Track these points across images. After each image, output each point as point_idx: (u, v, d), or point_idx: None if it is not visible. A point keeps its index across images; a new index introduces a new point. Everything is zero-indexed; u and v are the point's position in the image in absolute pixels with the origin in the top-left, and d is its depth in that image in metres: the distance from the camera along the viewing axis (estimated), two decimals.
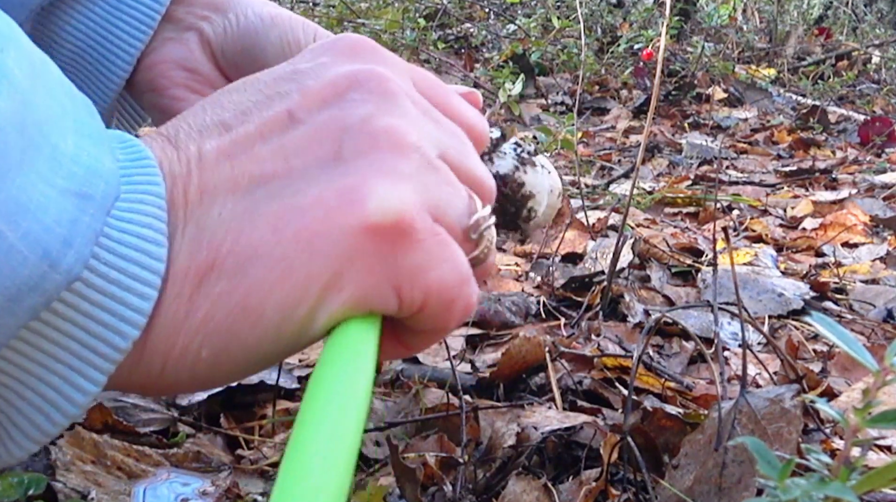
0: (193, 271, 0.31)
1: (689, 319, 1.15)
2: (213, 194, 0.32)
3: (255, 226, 0.31)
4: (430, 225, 0.33)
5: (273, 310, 0.31)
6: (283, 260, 0.31)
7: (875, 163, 2.85)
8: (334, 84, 0.34)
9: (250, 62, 0.52)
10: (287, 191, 0.32)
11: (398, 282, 0.32)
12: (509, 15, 4.54)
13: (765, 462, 0.41)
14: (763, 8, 5.57)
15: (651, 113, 1.18)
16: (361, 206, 0.31)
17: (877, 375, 0.40)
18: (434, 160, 0.34)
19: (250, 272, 0.31)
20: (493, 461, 0.76)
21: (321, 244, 0.31)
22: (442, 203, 0.34)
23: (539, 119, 3.26)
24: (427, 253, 0.33)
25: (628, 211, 1.26)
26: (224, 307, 0.31)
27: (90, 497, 0.68)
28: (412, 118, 0.34)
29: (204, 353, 0.31)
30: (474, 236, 0.36)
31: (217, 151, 0.33)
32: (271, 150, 0.33)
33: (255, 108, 0.34)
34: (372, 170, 0.32)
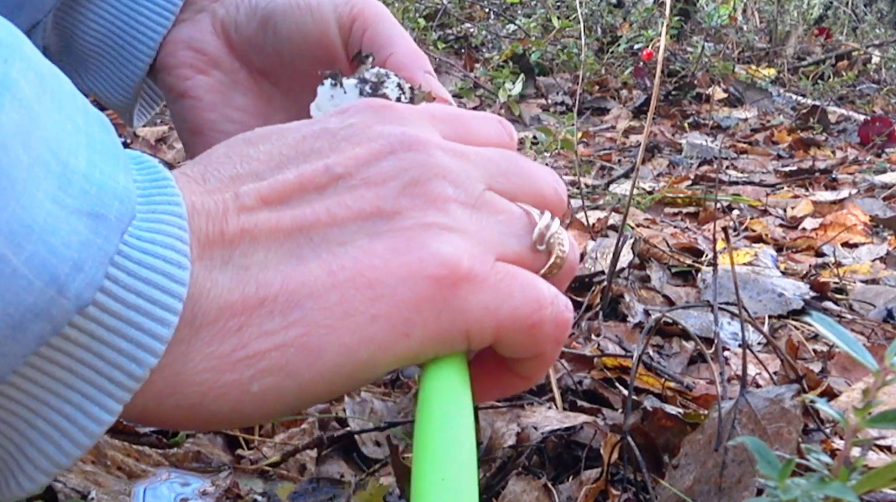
0: (241, 305, 0.30)
1: (689, 319, 1.15)
2: (254, 235, 0.31)
3: (306, 269, 0.31)
4: (490, 263, 0.33)
5: (334, 350, 0.30)
6: (341, 302, 0.30)
7: (875, 163, 2.85)
8: (371, 146, 0.34)
9: (267, 36, 0.52)
10: (332, 241, 0.32)
11: (467, 326, 0.32)
12: (509, 15, 4.54)
13: (765, 462, 0.41)
14: (763, 8, 5.57)
15: (651, 113, 1.18)
16: (419, 258, 0.31)
17: (877, 375, 0.40)
18: (478, 198, 0.35)
19: (308, 310, 0.30)
20: (493, 461, 0.76)
21: (382, 290, 0.31)
22: (497, 237, 0.34)
23: (539, 119, 3.26)
24: (492, 290, 0.33)
25: (628, 211, 1.26)
26: (280, 344, 0.30)
27: (90, 497, 0.68)
28: (447, 168, 0.34)
29: (255, 388, 0.30)
30: (542, 248, 0.36)
31: (255, 195, 0.32)
32: (311, 202, 0.32)
33: (290, 162, 0.33)
34: (419, 226, 0.32)
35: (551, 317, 0.35)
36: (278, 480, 0.76)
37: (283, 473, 0.77)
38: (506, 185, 0.36)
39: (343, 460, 0.81)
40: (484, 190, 0.35)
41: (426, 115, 0.38)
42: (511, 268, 0.34)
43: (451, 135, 0.38)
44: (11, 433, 0.28)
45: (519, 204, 0.37)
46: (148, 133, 2.25)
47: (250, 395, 0.30)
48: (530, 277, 0.35)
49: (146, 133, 2.25)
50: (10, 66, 0.26)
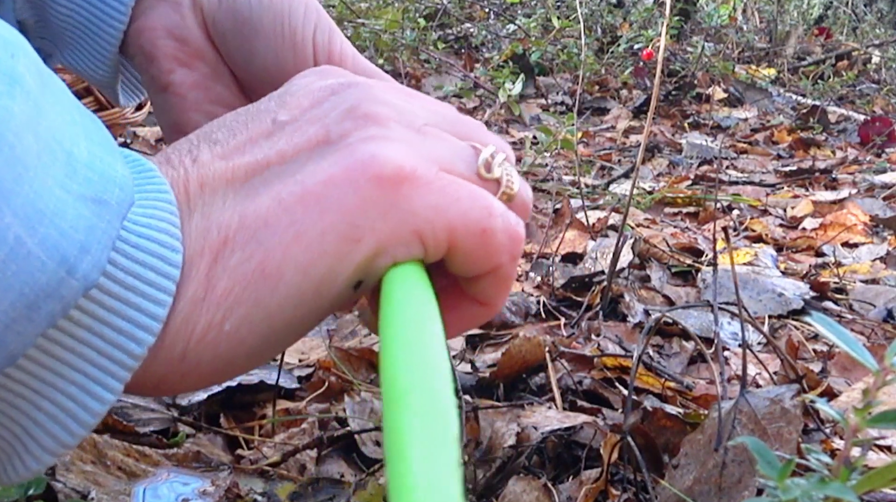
0: (207, 251, 0.31)
1: (689, 319, 1.15)
2: (213, 186, 0.33)
3: (259, 203, 0.32)
4: (435, 169, 0.33)
5: (292, 270, 0.31)
6: (292, 223, 0.31)
7: (875, 163, 2.85)
8: (314, 94, 0.36)
9: (240, 42, 0.50)
10: (284, 174, 0.33)
11: (416, 226, 0.33)
12: (509, 15, 4.54)
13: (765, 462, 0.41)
14: (763, 8, 5.57)
15: (651, 113, 1.18)
16: (362, 164, 0.32)
17: (877, 375, 0.40)
18: (421, 127, 0.35)
19: (263, 240, 0.31)
20: (493, 461, 0.76)
21: (328, 202, 0.32)
22: (442, 156, 0.35)
23: (539, 119, 3.26)
24: (439, 193, 0.33)
25: (628, 211, 1.26)
26: (242, 276, 0.31)
27: (90, 497, 0.68)
28: (391, 102, 0.35)
29: (227, 327, 0.31)
30: (489, 174, 0.36)
31: (211, 155, 0.34)
32: (261, 148, 0.34)
33: (241, 124, 0.35)
34: (362, 140, 0.33)
35: (503, 226, 0.34)
36: (278, 480, 0.76)
37: (283, 473, 0.77)
38: (450, 129, 0.37)
39: (343, 460, 0.81)
40: (425, 124, 0.36)
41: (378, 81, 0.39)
42: (458, 180, 0.34)
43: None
44: (18, 415, 0.29)
45: None
46: (148, 133, 2.25)
47: (225, 335, 0.31)
48: (478, 188, 0.35)
49: (146, 133, 2.25)
50: (16, 61, 0.28)
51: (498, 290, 0.37)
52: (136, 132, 2.22)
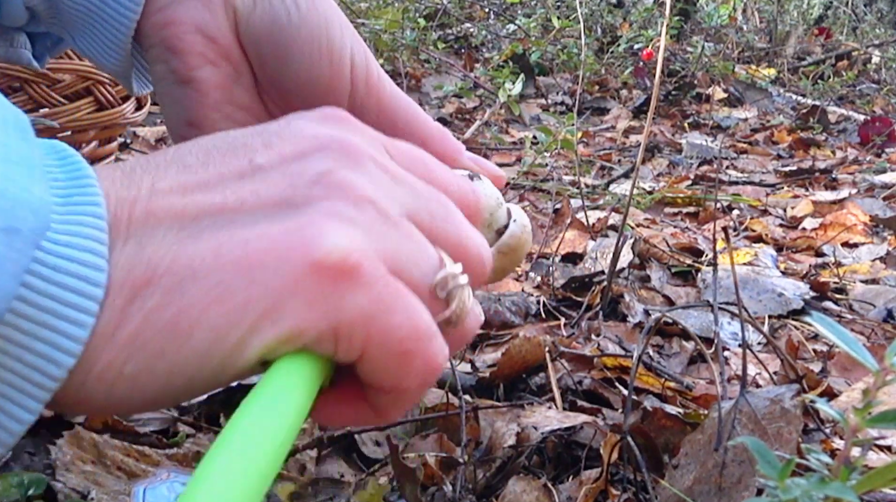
0: (129, 284, 0.30)
1: (689, 319, 1.15)
2: (159, 217, 0.31)
3: (197, 249, 0.31)
4: (381, 272, 0.32)
5: (204, 332, 0.30)
6: (220, 283, 0.30)
7: (875, 163, 2.85)
8: (298, 143, 0.34)
9: (274, 49, 0.49)
10: (235, 224, 0.31)
11: (337, 323, 0.31)
12: (509, 15, 4.54)
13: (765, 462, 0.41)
14: (763, 8, 5.57)
15: (651, 113, 1.18)
16: (307, 243, 0.31)
17: (877, 375, 0.40)
18: (394, 217, 0.33)
19: (186, 291, 0.30)
20: (493, 461, 0.76)
21: (262, 274, 0.30)
22: (401, 256, 0.33)
23: (539, 119, 3.26)
24: (374, 298, 0.31)
25: (628, 211, 1.26)
26: (154, 323, 0.30)
27: (90, 497, 0.68)
28: (374, 178, 0.34)
29: (126, 370, 0.30)
30: (442, 294, 0.34)
31: (171, 186, 0.32)
32: (227, 190, 0.32)
33: (219, 154, 0.34)
34: (323, 215, 0.31)
35: (424, 352, 0.33)
36: (278, 480, 0.76)
37: (283, 473, 0.77)
38: (428, 223, 0.35)
39: (343, 460, 0.81)
40: (402, 214, 0.34)
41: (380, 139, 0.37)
42: (402, 285, 0.32)
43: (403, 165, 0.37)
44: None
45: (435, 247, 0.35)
46: (148, 133, 2.25)
47: (123, 377, 0.30)
48: (416, 304, 0.33)
49: (146, 133, 2.25)
50: None
51: (395, 408, 0.36)
52: (136, 132, 2.22)
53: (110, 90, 1.32)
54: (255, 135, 0.35)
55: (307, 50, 0.49)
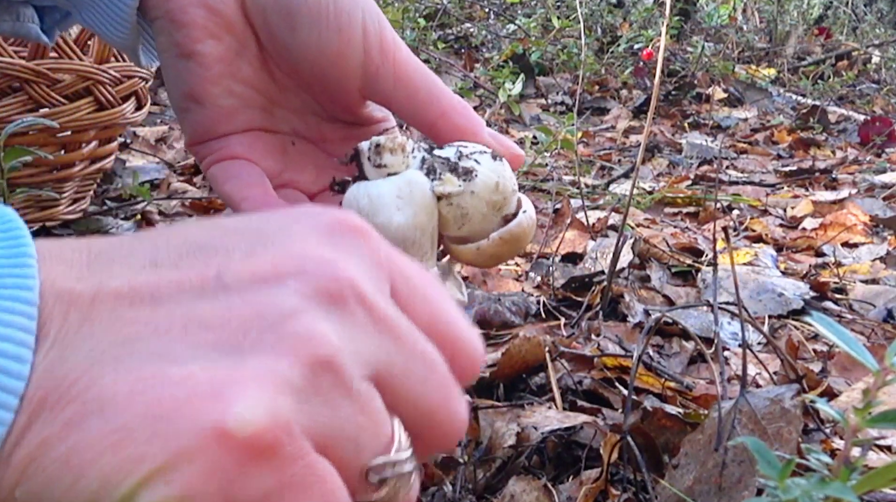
0: (36, 403, 0.28)
1: (689, 319, 1.15)
2: (94, 328, 0.29)
3: (115, 380, 0.28)
4: (301, 452, 0.29)
5: (94, 475, 0.28)
6: (122, 429, 0.28)
7: (875, 163, 2.85)
8: (278, 263, 0.31)
9: (281, 19, 0.48)
10: (167, 356, 0.29)
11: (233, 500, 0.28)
12: (509, 15, 4.54)
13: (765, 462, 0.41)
14: (763, 8, 5.58)
15: (651, 113, 1.18)
16: (224, 407, 0.28)
17: (877, 375, 0.40)
18: (353, 383, 0.30)
19: (87, 426, 0.28)
20: (493, 461, 0.76)
21: (166, 428, 0.28)
22: (337, 432, 0.30)
23: (539, 119, 3.26)
24: (283, 482, 0.28)
25: (628, 211, 1.26)
26: (48, 453, 0.28)
27: None
28: (347, 327, 0.30)
29: (17, 494, 0.28)
30: (374, 479, 0.31)
31: (124, 287, 0.30)
32: (179, 309, 0.30)
33: (192, 254, 0.31)
34: (259, 371, 0.28)
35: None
36: None
37: None
38: (399, 384, 0.32)
39: None
40: (364, 377, 0.30)
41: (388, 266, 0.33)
42: (323, 468, 0.29)
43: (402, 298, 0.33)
44: None
45: (394, 420, 0.32)
46: (148, 133, 2.25)
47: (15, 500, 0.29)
48: (335, 491, 0.29)
49: (146, 133, 2.25)
50: None
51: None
52: (136, 132, 2.22)
53: (110, 90, 1.32)
54: (245, 234, 0.32)
55: (315, 16, 0.47)
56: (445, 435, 0.33)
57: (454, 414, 0.33)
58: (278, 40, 0.50)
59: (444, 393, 0.33)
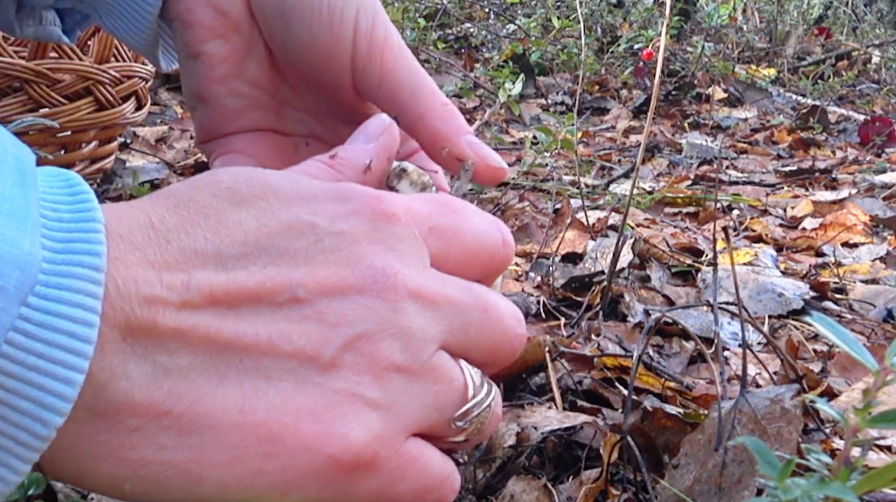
0: (144, 409, 0.30)
1: (689, 319, 1.15)
2: (187, 338, 0.30)
3: (223, 397, 0.30)
4: (396, 449, 0.33)
5: (213, 485, 0.31)
6: (238, 446, 0.31)
7: (875, 163, 2.85)
8: (341, 275, 0.33)
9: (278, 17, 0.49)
10: (260, 372, 0.31)
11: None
12: (509, 15, 4.54)
13: (765, 462, 0.41)
14: (763, 8, 5.58)
15: (651, 113, 1.18)
16: (327, 433, 0.31)
17: (877, 375, 0.40)
18: (424, 364, 0.34)
19: (205, 440, 0.30)
20: (493, 461, 0.76)
21: (280, 449, 0.31)
22: (421, 410, 0.34)
23: (539, 119, 3.26)
24: (386, 479, 0.33)
25: (628, 211, 1.26)
26: (165, 461, 0.30)
27: (90, 497, 0.68)
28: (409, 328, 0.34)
29: (128, 487, 0.30)
30: (461, 425, 0.36)
31: (207, 290, 0.31)
32: (260, 320, 0.32)
33: (259, 257, 0.32)
34: (347, 394, 0.32)
35: (432, 500, 0.35)
36: None
37: None
38: (462, 340, 0.36)
39: None
40: (434, 352, 0.35)
41: (424, 228, 0.37)
42: (415, 450, 0.34)
43: (441, 254, 0.37)
44: None
45: (464, 366, 0.36)
46: (148, 133, 2.25)
47: (121, 492, 0.31)
48: (428, 460, 0.35)
49: (146, 133, 2.25)
50: None
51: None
52: (136, 132, 2.22)
53: (110, 90, 1.32)
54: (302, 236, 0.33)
55: (307, 14, 0.48)
56: (508, 355, 0.38)
57: (511, 337, 0.38)
58: (276, 39, 0.50)
59: (500, 326, 0.37)
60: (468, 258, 0.38)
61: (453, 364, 0.36)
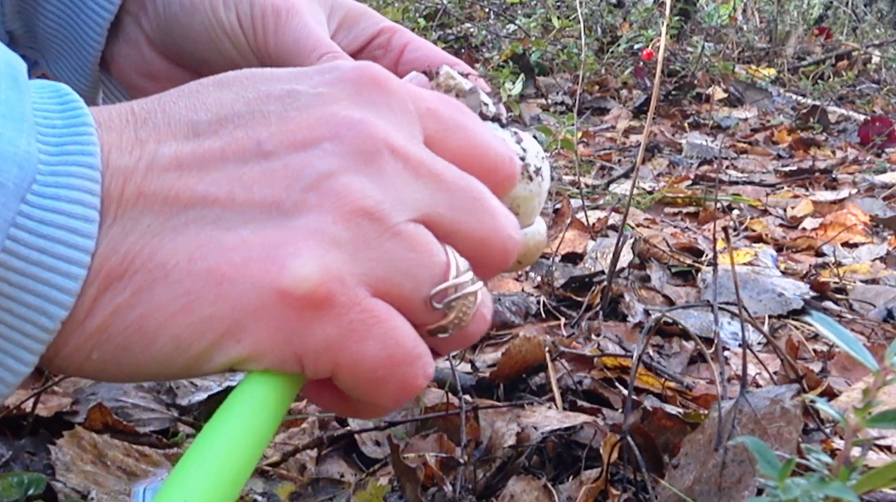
0: (103, 275, 0.30)
1: (689, 319, 1.15)
2: (149, 201, 0.30)
3: (175, 248, 0.30)
4: (357, 298, 0.31)
5: (167, 338, 0.30)
6: (189, 293, 0.30)
7: (875, 163, 2.85)
8: (313, 127, 0.32)
9: (181, 50, 0.51)
10: (219, 223, 0.31)
11: (301, 351, 0.31)
12: (509, 15, 4.54)
13: (765, 462, 0.41)
14: (763, 8, 5.58)
15: (651, 113, 1.18)
16: (279, 267, 0.30)
17: (877, 375, 0.40)
18: (395, 225, 0.32)
19: (155, 293, 0.30)
20: (493, 461, 0.76)
21: (230, 290, 0.30)
22: (390, 273, 0.31)
23: (539, 119, 3.26)
24: (344, 328, 0.31)
25: (628, 211, 1.26)
26: (122, 320, 0.30)
27: (90, 497, 0.68)
28: (384, 178, 0.32)
29: (94, 356, 0.31)
30: (439, 306, 0.33)
31: (171, 158, 0.31)
32: (224, 176, 0.31)
33: (231, 121, 0.32)
34: (306, 232, 0.30)
35: (400, 378, 0.32)
36: (278, 480, 0.76)
37: (283, 473, 0.77)
38: (448, 221, 0.33)
39: (343, 460, 0.81)
40: (410, 220, 0.32)
41: (420, 106, 0.35)
42: (381, 309, 0.31)
43: (436, 138, 0.35)
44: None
45: (448, 248, 0.33)
46: None
47: (90, 362, 0.31)
48: (396, 328, 0.32)
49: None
50: None
51: (371, 414, 0.36)
52: None
53: None
54: (277, 101, 0.33)
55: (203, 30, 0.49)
56: (499, 256, 0.35)
57: (504, 236, 0.35)
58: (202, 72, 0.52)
59: (491, 220, 0.35)
60: (468, 154, 0.35)
61: (436, 241, 0.33)
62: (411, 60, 0.50)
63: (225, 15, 0.48)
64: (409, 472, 0.70)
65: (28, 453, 0.75)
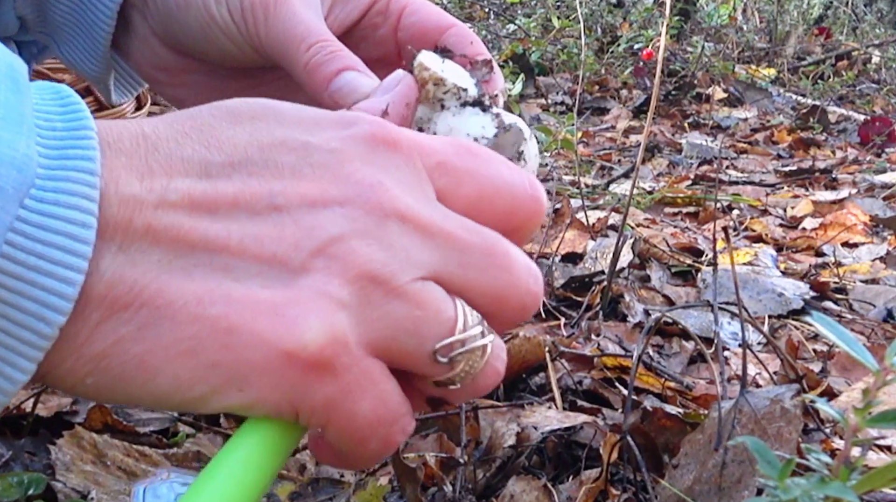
0: (108, 302, 0.30)
1: (689, 319, 1.15)
2: (158, 236, 0.31)
3: (183, 289, 0.30)
4: (356, 360, 0.32)
5: (167, 378, 0.31)
6: (195, 338, 0.30)
7: (875, 163, 2.85)
8: (325, 189, 0.32)
9: (182, 44, 0.51)
10: (228, 272, 0.31)
11: (299, 405, 0.32)
12: (509, 15, 4.54)
13: (765, 462, 0.41)
14: (763, 8, 5.58)
15: (651, 113, 1.18)
16: (287, 328, 0.31)
17: (877, 375, 0.40)
18: (404, 287, 0.32)
19: (161, 332, 0.30)
20: (493, 461, 0.76)
21: (237, 342, 0.31)
22: (393, 332, 0.32)
23: (539, 119, 3.26)
24: (341, 389, 0.31)
25: (628, 211, 1.26)
26: (123, 353, 0.30)
27: (90, 497, 0.68)
28: (391, 243, 0.32)
29: (88, 381, 0.31)
30: (443, 360, 0.33)
31: (184, 195, 0.31)
32: (235, 225, 0.31)
33: (244, 167, 0.32)
34: (313, 293, 0.31)
35: (383, 435, 0.33)
36: (278, 480, 0.76)
37: (282, 473, 0.77)
38: (459, 278, 0.33)
39: None
40: (417, 278, 0.32)
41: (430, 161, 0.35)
42: (376, 371, 0.32)
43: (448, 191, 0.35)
44: None
45: (458, 302, 0.33)
46: None
47: (84, 386, 0.31)
48: (387, 390, 0.33)
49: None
50: None
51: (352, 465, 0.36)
52: None
53: None
54: (292, 153, 0.33)
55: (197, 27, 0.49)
56: (516, 310, 0.35)
57: (520, 292, 0.35)
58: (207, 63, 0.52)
59: (507, 275, 0.34)
60: (482, 201, 0.35)
61: (445, 296, 0.33)
62: (410, 24, 0.49)
63: (217, 10, 0.49)
64: (409, 472, 0.70)
65: (28, 453, 0.75)
